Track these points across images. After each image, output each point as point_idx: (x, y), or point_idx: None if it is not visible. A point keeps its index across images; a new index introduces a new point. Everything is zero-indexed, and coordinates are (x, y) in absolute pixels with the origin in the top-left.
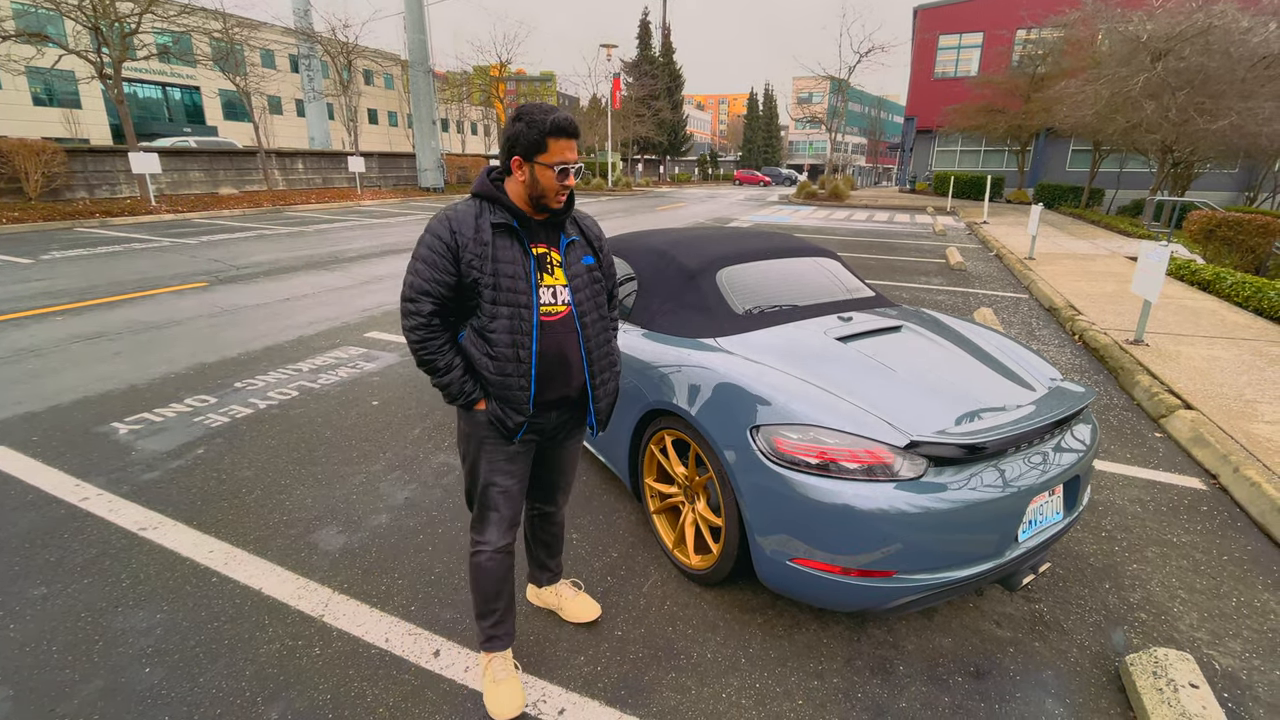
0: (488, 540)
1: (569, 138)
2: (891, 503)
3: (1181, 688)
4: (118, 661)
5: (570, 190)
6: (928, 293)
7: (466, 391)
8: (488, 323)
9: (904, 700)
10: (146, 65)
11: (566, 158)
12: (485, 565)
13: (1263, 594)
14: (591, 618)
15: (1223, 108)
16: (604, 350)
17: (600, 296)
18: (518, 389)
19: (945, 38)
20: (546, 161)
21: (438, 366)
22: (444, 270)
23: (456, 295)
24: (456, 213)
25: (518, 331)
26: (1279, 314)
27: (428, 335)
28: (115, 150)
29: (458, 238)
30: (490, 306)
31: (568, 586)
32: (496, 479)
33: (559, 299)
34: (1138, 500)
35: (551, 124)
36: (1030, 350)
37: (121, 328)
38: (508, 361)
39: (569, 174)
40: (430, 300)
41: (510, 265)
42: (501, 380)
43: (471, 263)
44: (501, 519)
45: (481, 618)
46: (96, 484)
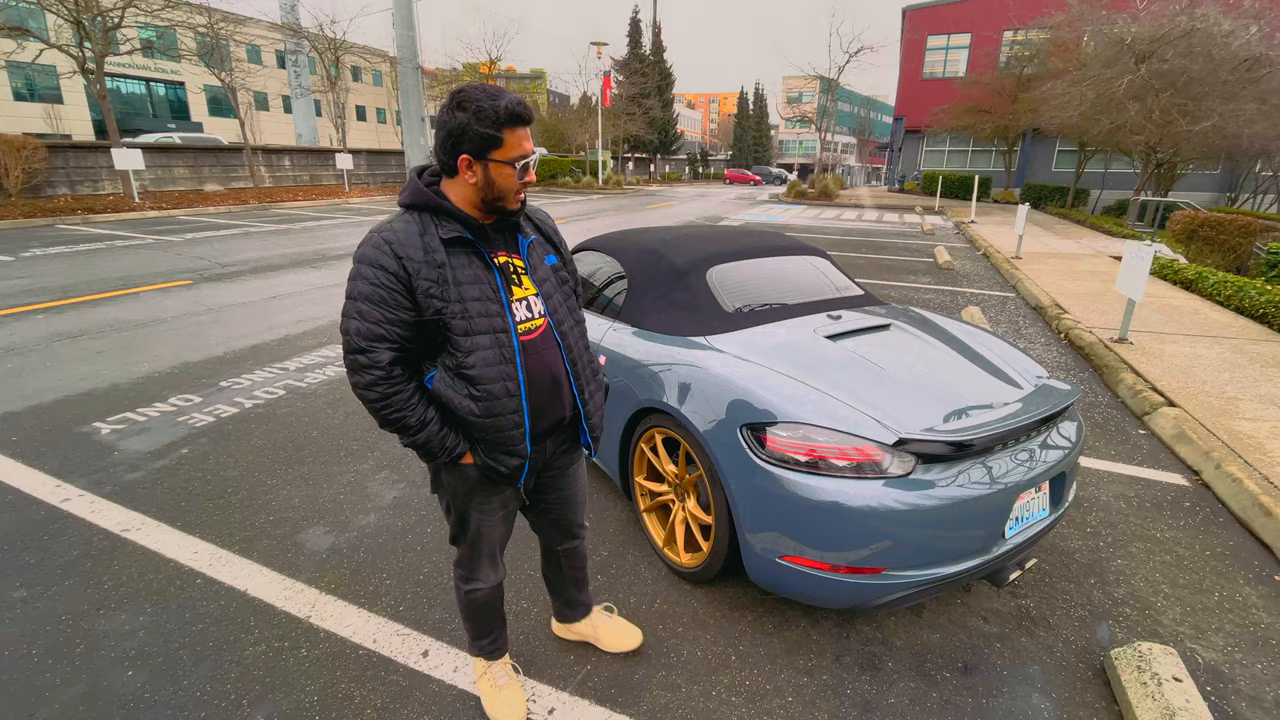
0: (483, 580)
1: (524, 125)
2: (880, 500)
3: (1165, 681)
4: (100, 665)
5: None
6: (916, 291)
7: (449, 446)
8: (464, 359)
9: (893, 696)
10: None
11: (525, 149)
12: (481, 602)
13: (1244, 589)
14: (634, 645)
15: (1205, 109)
16: (586, 358)
17: (572, 299)
18: (511, 428)
19: (934, 38)
20: (503, 158)
21: (410, 424)
22: (398, 307)
23: (416, 334)
24: (394, 234)
25: (503, 361)
26: (1260, 313)
27: (390, 390)
28: (98, 146)
29: (405, 264)
30: (465, 339)
31: (601, 614)
32: (492, 529)
33: (534, 311)
34: (1122, 496)
35: (505, 112)
36: (1017, 348)
37: (104, 326)
38: (496, 399)
39: (529, 169)
40: (387, 347)
41: (474, 285)
42: (492, 423)
43: (429, 291)
44: (493, 556)
45: (478, 639)
46: (78, 485)
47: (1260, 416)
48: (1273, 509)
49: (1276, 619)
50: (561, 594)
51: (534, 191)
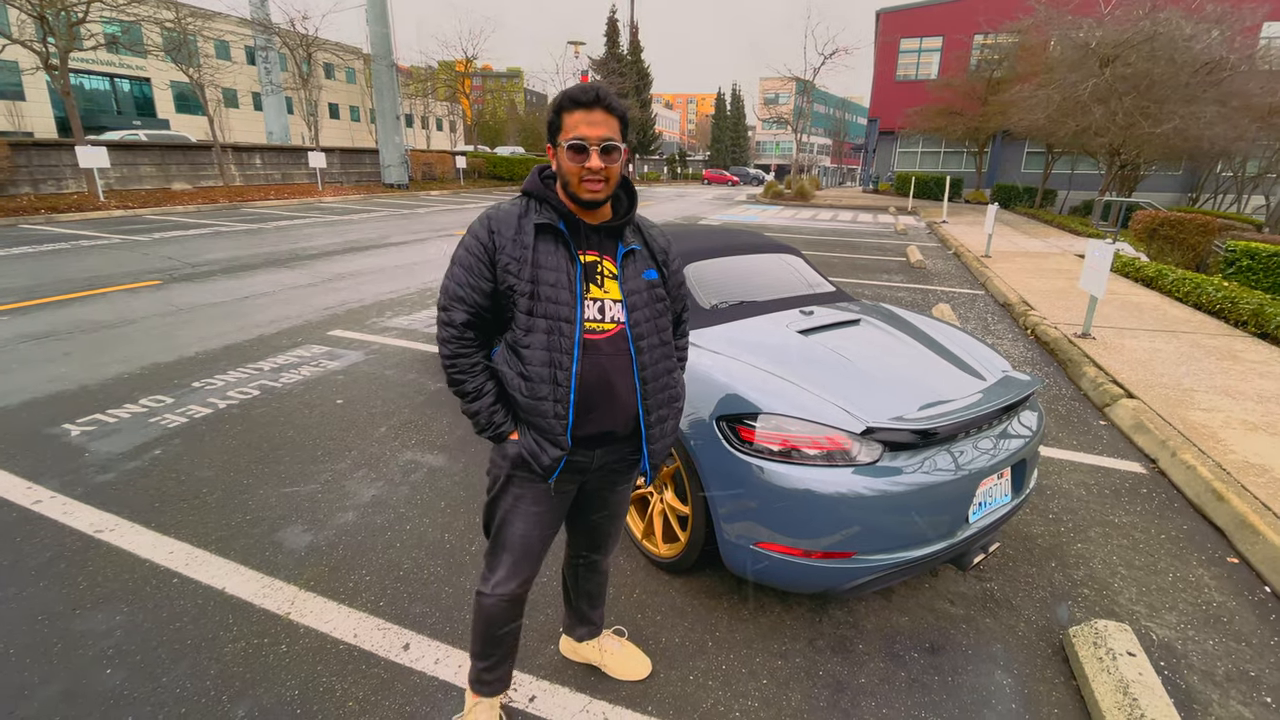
0: (494, 578)
1: (585, 108)
2: (850, 486)
3: (1120, 656)
4: (78, 664)
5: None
6: (889, 290)
7: (496, 423)
8: (522, 336)
9: (863, 676)
10: (94, 56)
11: (583, 132)
12: (489, 607)
13: (1197, 569)
14: (643, 674)
15: (1167, 112)
16: (663, 381)
17: (663, 319)
18: (553, 416)
19: (906, 41)
20: (563, 140)
21: (467, 390)
22: (479, 275)
23: (493, 304)
24: (499, 212)
25: (556, 349)
26: (1216, 308)
27: (459, 350)
28: (61, 144)
29: (495, 238)
30: (526, 318)
31: (610, 638)
32: (517, 522)
33: (608, 315)
34: (1083, 484)
35: (564, 95)
36: (981, 342)
37: (71, 327)
38: (542, 383)
39: (587, 152)
40: (463, 309)
41: (552, 272)
42: (534, 405)
43: (508, 266)
44: (514, 563)
45: (476, 657)
46: (49, 486)
47: (1214, 407)
48: (1225, 494)
49: (1228, 598)
50: (574, 607)
51: (511, 190)
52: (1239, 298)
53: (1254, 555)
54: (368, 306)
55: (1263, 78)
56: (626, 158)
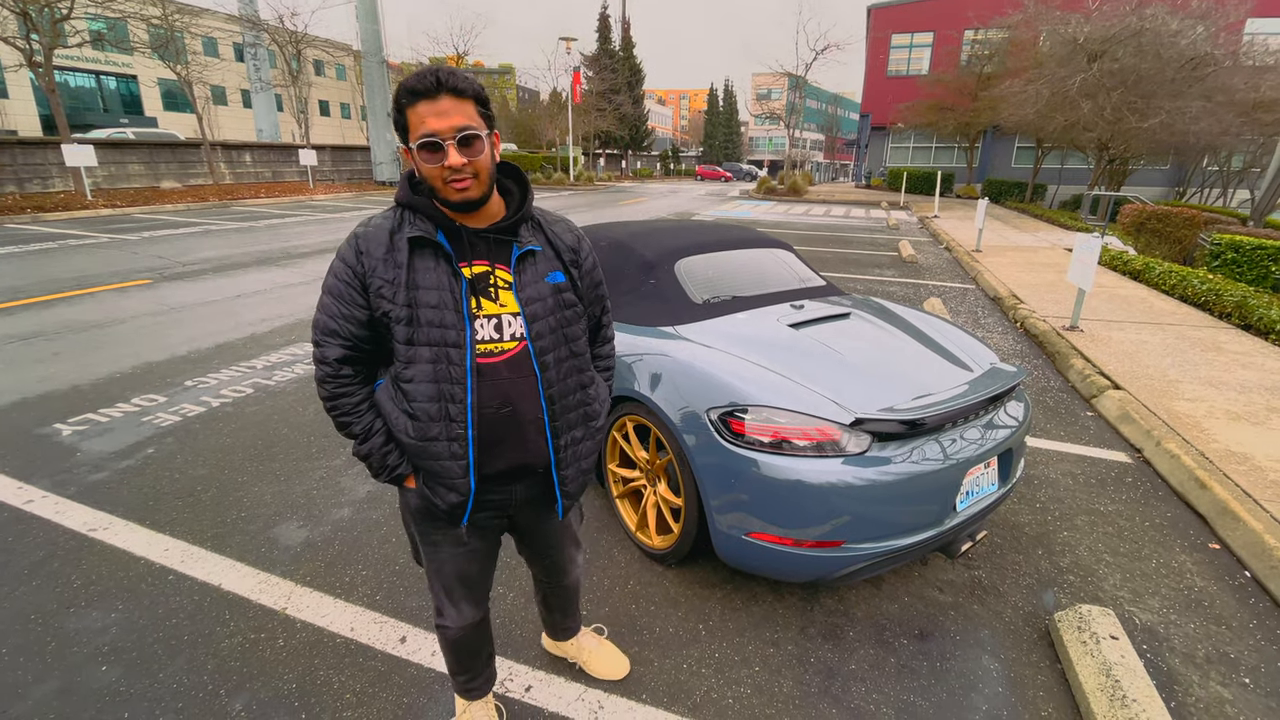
0: (447, 618)
1: (428, 98)
2: (839, 476)
3: (1103, 640)
4: (73, 661)
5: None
6: (881, 284)
7: (390, 465)
8: (403, 369)
9: (853, 663)
10: (79, 53)
11: (432, 126)
12: (452, 639)
13: (1180, 556)
14: (621, 674)
15: (1153, 107)
16: (574, 399)
17: (572, 327)
18: (448, 458)
19: (898, 36)
20: (412, 141)
21: (354, 431)
22: (351, 303)
23: (371, 335)
24: (368, 229)
25: (445, 379)
26: (1201, 301)
27: (337, 390)
28: (47, 142)
29: (364, 259)
30: (406, 348)
31: (589, 637)
32: (446, 565)
33: (507, 332)
34: (1069, 474)
35: (401, 87)
36: (970, 334)
37: (60, 327)
38: (432, 421)
39: (442, 148)
40: (338, 343)
41: (433, 292)
42: (424, 447)
43: (381, 290)
44: (459, 601)
45: (456, 674)
46: (41, 486)
47: (1198, 397)
48: (1207, 482)
49: (1209, 583)
50: (547, 618)
51: None
52: (1223, 290)
53: (1234, 541)
54: None
55: (1247, 73)
56: (498, 143)
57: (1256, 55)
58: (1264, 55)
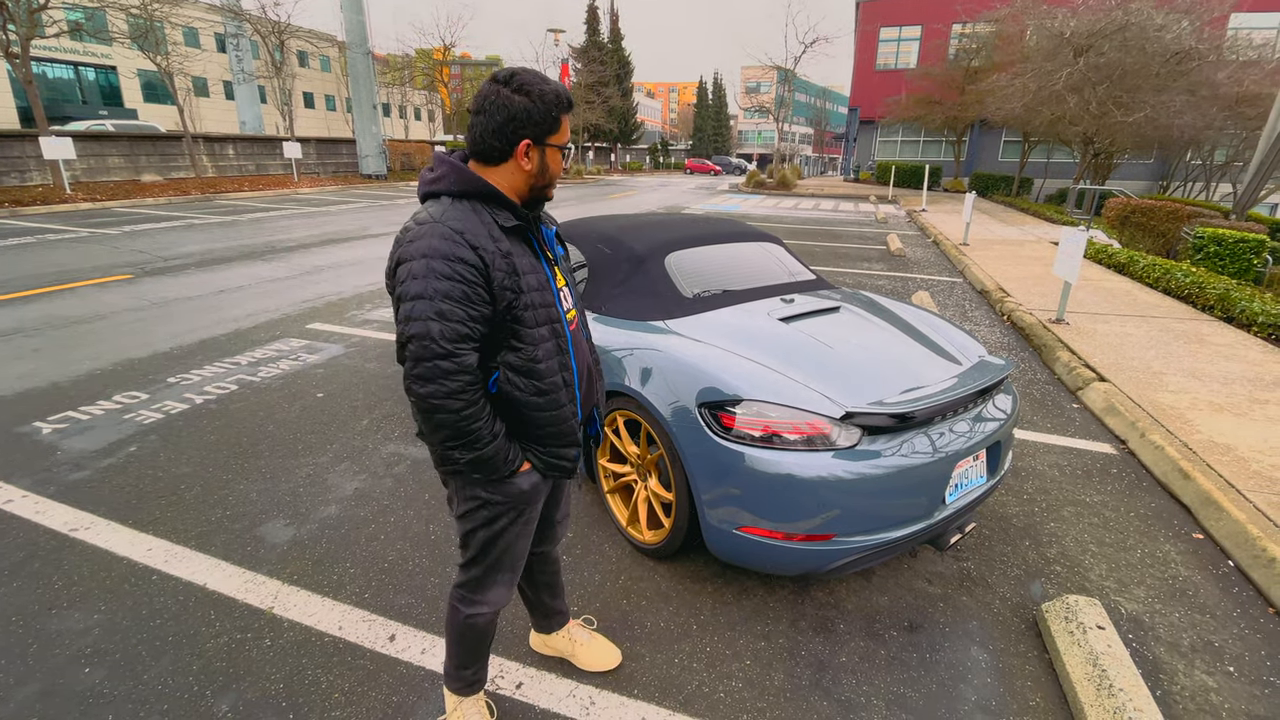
0: (489, 602)
1: (569, 112)
2: (830, 470)
3: (1090, 630)
4: (55, 663)
5: None
6: (869, 278)
7: (512, 459)
8: (532, 351)
9: (844, 655)
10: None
11: (566, 135)
12: (483, 626)
13: (1164, 546)
14: (612, 665)
15: (1138, 101)
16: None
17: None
18: (571, 418)
19: (886, 30)
20: (558, 142)
21: (482, 436)
22: (479, 301)
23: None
24: (459, 223)
25: (558, 352)
26: (1185, 293)
27: (474, 398)
28: (24, 135)
29: (481, 254)
30: (532, 330)
31: (579, 629)
32: (518, 544)
33: (568, 301)
34: (1056, 465)
35: (564, 97)
36: (958, 327)
37: (39, 323)
38: (559, 390)
39: (566, 153)
40: (472, 348)
41: (534, 275)
42: (555, 415)
43: (504, 283)
44: (510, 580)
45: (463, 668)
46: (21, 485)
47: (1182, 389)
48: (1191, 473)
49: (1193, 573)
50: (536, 604)
51: None
52: (1206, 283)
53: (1218, 531)
54: (347, 299)
55: (1230, 67)
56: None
57: (1240, 50)
58: (1247, 50)
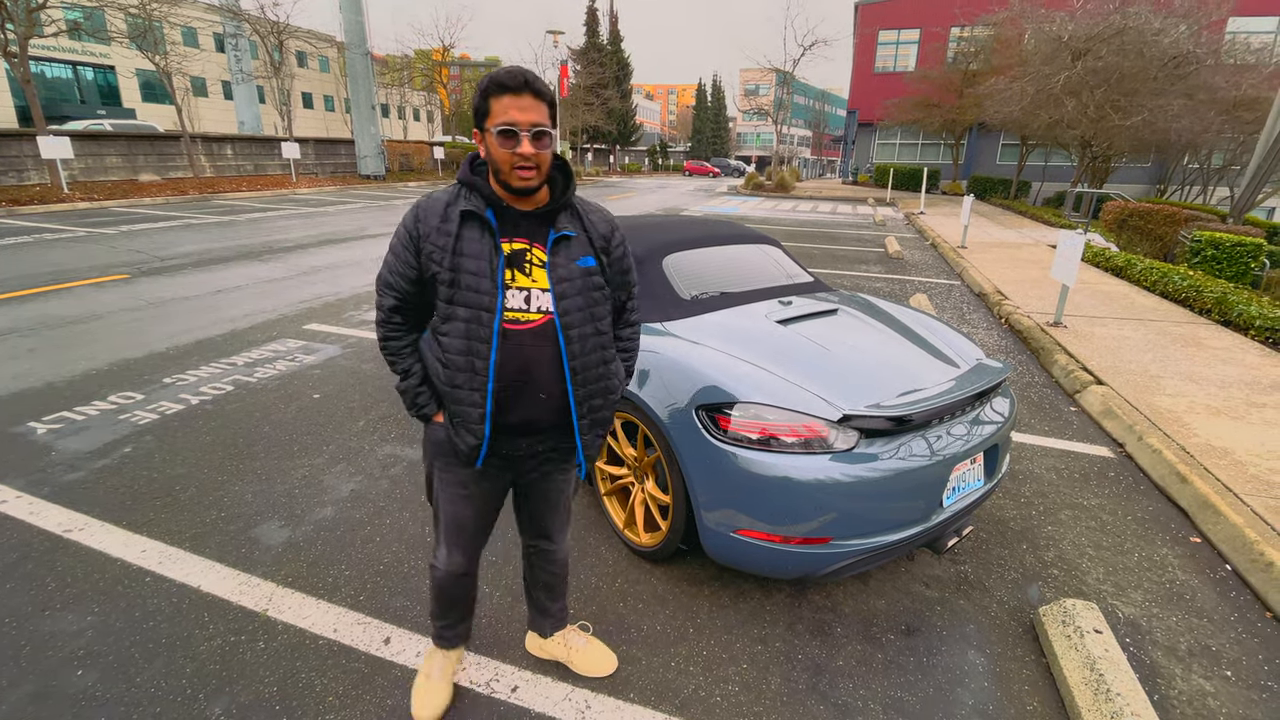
0: (440, 560)
1: (514, 93)
2: (827, 473)
3: (1087, 633)
4: (48, 665)
5: (545, 168)
6: (867, 280)
7: (420, 404)
8: (441, 324)
9: (841, 659)
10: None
11: (513, 117)
12: (439, 579)
13: (1162, 550)
14: (609, 670)
15: (1136, 105)
16: (597, 371)
17: (599, 307)
18: (469, 404)
19: (885, 33)
20: (494, 126)
21: (397, 369)
22: (405, 262)
23: (419, 291)
24: (429, 200)
25: (474, 338)
26: (1182, 297)
27: (388, 333)
28: (21, 134)
29: (420, 226)
30: (446, 306)
31: (575, 634)
32: (451, 506)
33: (534, 305)
34: (1053, 469)
35: (490, 80)
36: (956, 330)
37: (35, 323)
38: (459, 371)
39: (518, 137)
40: (392, 295)
41: (474, 260)
42: (451, 392)
43: (431, 254)
44: (451, 541)
45: (434, 617)
46: (15, 486)
47: (1179, 392)
48: (1188, 476)
49: (1190, 576)
50: (533, 597)
51: None
52: (1204, 286)
53: (1215, 535)
54: (344, 300)
55: (1228, 72)
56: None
57: (1238, 54)
58: (1245, 54)
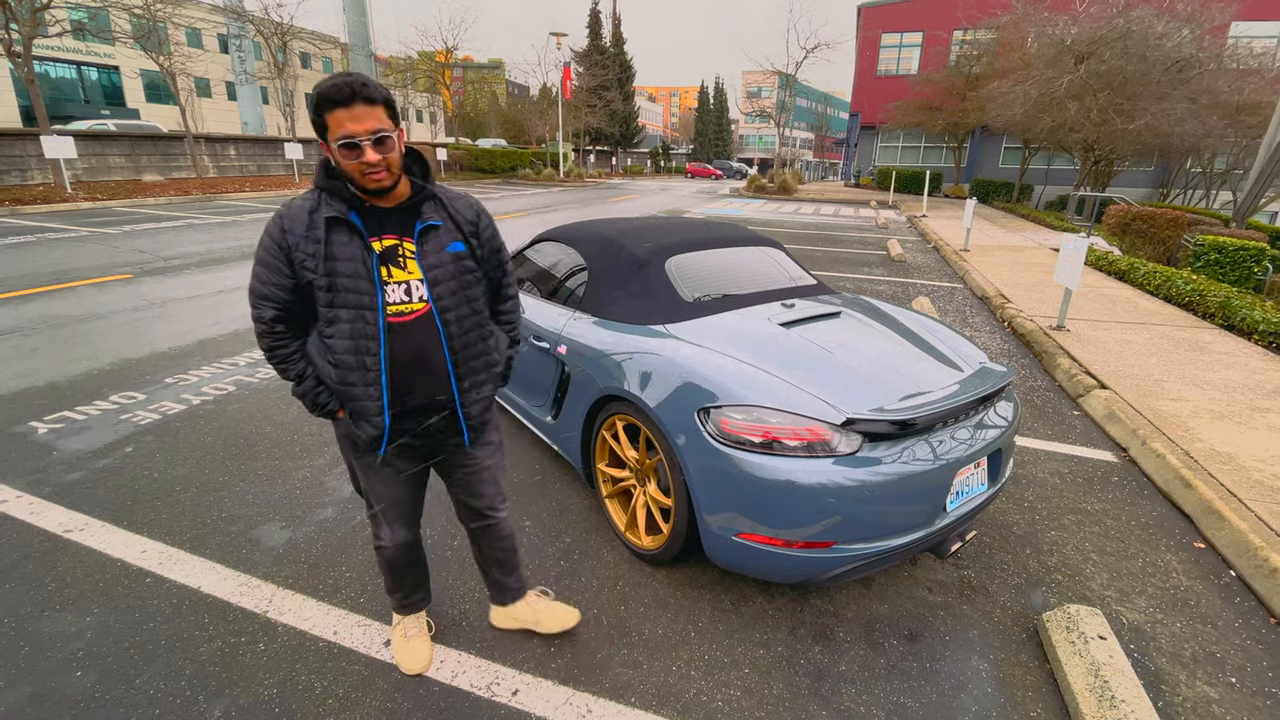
0: (383, 537)
1: (344, 106)
2: (830, 477)
3: (1091, 640)
4: (47, 667)
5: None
6: (869, 283)
7: (321, 403)
8: (325, 327)
9: (843, 664)
10: (60, 43)
11: (350, 130)
12: (388, 558)
13: (1166, 555)
14: (571, 624)
15: (1139, 109)
16: (474, 350)
17: (472, 289)
18: (366, 400)
19: (887, 36)
20: (333, 139)
21: (289, 375)
22: (279, 273)
23: (299, 298)
24: (290, 209)
25: (360, 336)
26: (1185, 301)
27: (275, 343)
28: (25, 134)
29: (288, 236)
30: (328, 310)
31: (536, 597)
32: (387, 488)
33: (415, 295)
34: (1057, 473)
35: (319, 95)
36: (959, 334)
37: (37, 322)
38: (350, 370)
39: (360, 148)
40: (270, 305)
41: (349, 263)
42: (345, 390)
43: (305, 263)
44: (397, 520)
45: (392, 591)
46: (15, 486)
47: (1183, 397)
48: (1192, 481)
49: (1195, 582)
50: (489, 576)
51: (493, 183)
52: (1207, 291)
53: (1219, 540)
54: None
55: (1231, 76)
56: (403, 136)
57: (1241, 58)
58: (1248, 58)
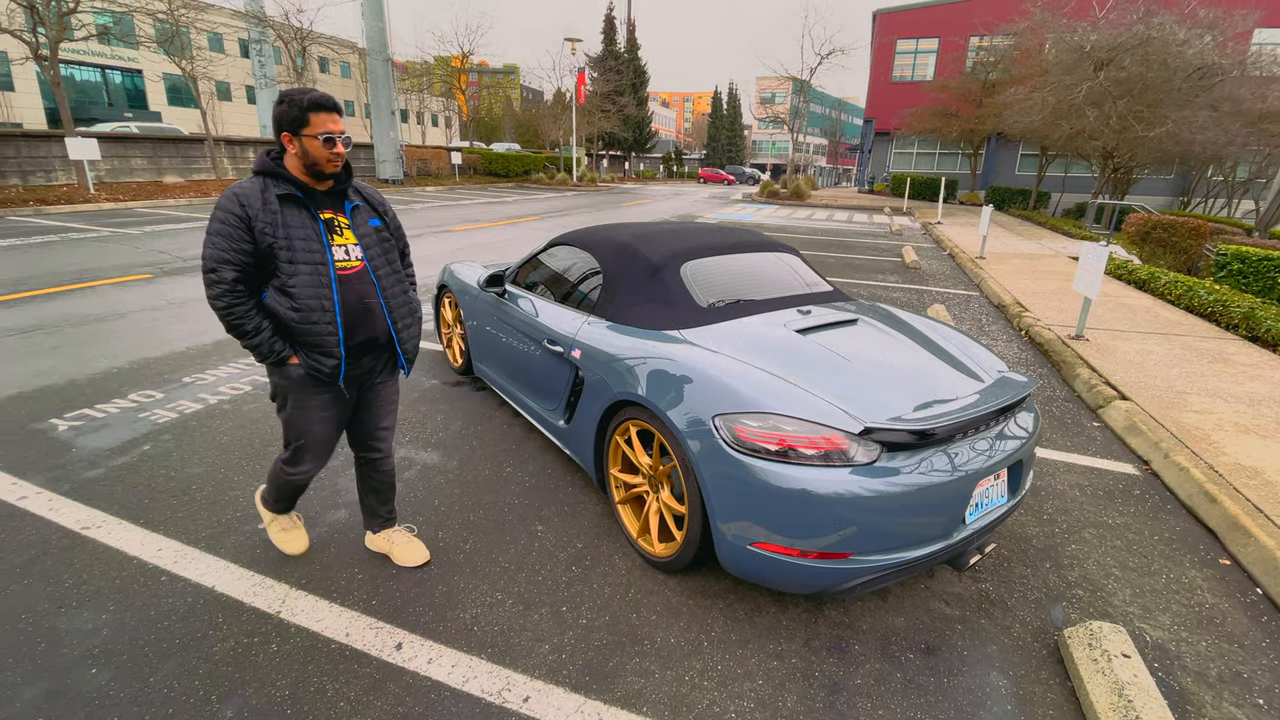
0: (303, 471)
1: (329, 112)
2: (847, 487)
3: (1115, 658)
4: (62, 663)
5: (344, 159)
6: (884, 290)
7: (276, 350)
8: (287, 280)
9: (859, 677)
10: (85, 46)
11: (331, 129)
12: (293, 484)
13: (1190, 571)
14: (420, 561)
15: (1160, 116)
16: (401, 300)
17: (391, 254)
18: (326, 333)
19: (903, 42)
20: (311, 133)
21: (247, 329)
22: (240, 240)
23: (256, 262)
24: (242, 189)
25: (319, 284)
26: (1208, 311)
27: (233, 301)
28: (51, 135)
29: (247, 209)
30: (289, 266)
31: (399, 533)
32: (316, 428)
33: (352, 255)
34: (1077, 485)
35: (309, 101)
36: (978, 343)
37: (59, 320)
38: (313, 310)
39: (335, 143)
40: (231, 268)
41: (301, 229)
42: (309, 328)
43: (265, 230)
44: (315, 459)
45: (276, 501)
46: (35, 482)
47: (1206, 409)
48: (1217, 496)
49: (1220, 600)
50: (365, 503)
51: (507, 187)
52: (1230, 301)
53: (1246, 557)
54: None
55: (1253, 83)
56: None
57: (1264, 65)
58: (1271, 65)
